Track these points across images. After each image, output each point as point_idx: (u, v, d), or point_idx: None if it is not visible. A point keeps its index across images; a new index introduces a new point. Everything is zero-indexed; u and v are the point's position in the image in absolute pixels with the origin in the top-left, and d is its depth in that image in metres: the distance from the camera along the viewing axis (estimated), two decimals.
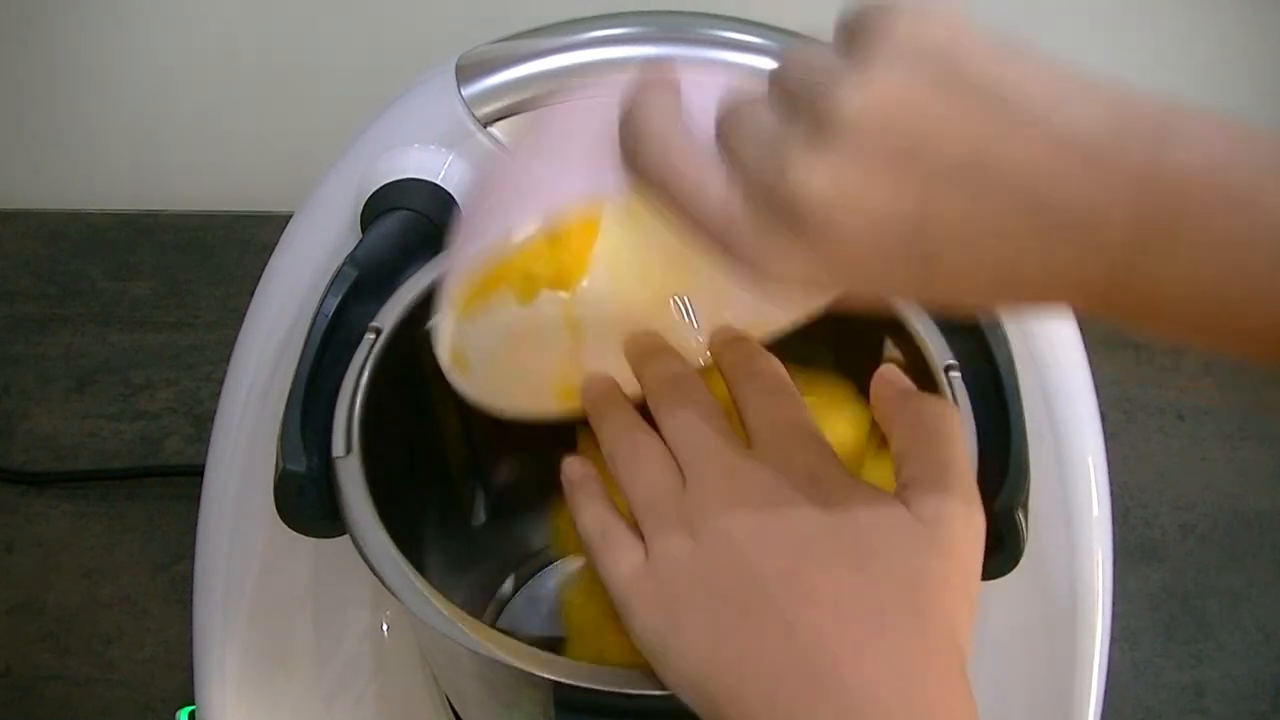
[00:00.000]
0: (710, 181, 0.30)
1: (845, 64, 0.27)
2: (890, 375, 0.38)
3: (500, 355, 0.40)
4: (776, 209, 0.28)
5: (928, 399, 0.37)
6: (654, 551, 0.34)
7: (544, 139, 0.37)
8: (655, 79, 0.33)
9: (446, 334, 0.38)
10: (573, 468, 0.39)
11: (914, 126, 0.26)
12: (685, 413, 0.37)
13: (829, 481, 0.34)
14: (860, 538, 0.33)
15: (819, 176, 0.27)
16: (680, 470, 0.35)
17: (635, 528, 0.35)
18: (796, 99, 0.28)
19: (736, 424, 0.38)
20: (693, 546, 0.33)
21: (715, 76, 0.35)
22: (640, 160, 0.31)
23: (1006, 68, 0.26)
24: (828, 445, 0.36)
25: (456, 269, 0.36)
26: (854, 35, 0.28)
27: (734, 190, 0.29)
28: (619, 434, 0.37)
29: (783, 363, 0.40)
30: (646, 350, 0.41)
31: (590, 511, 0.37)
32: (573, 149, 0.35)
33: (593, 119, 0.35)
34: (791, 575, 0.32)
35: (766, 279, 0.29)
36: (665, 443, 0.36)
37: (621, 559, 0.34)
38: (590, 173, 0.34)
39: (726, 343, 0.41)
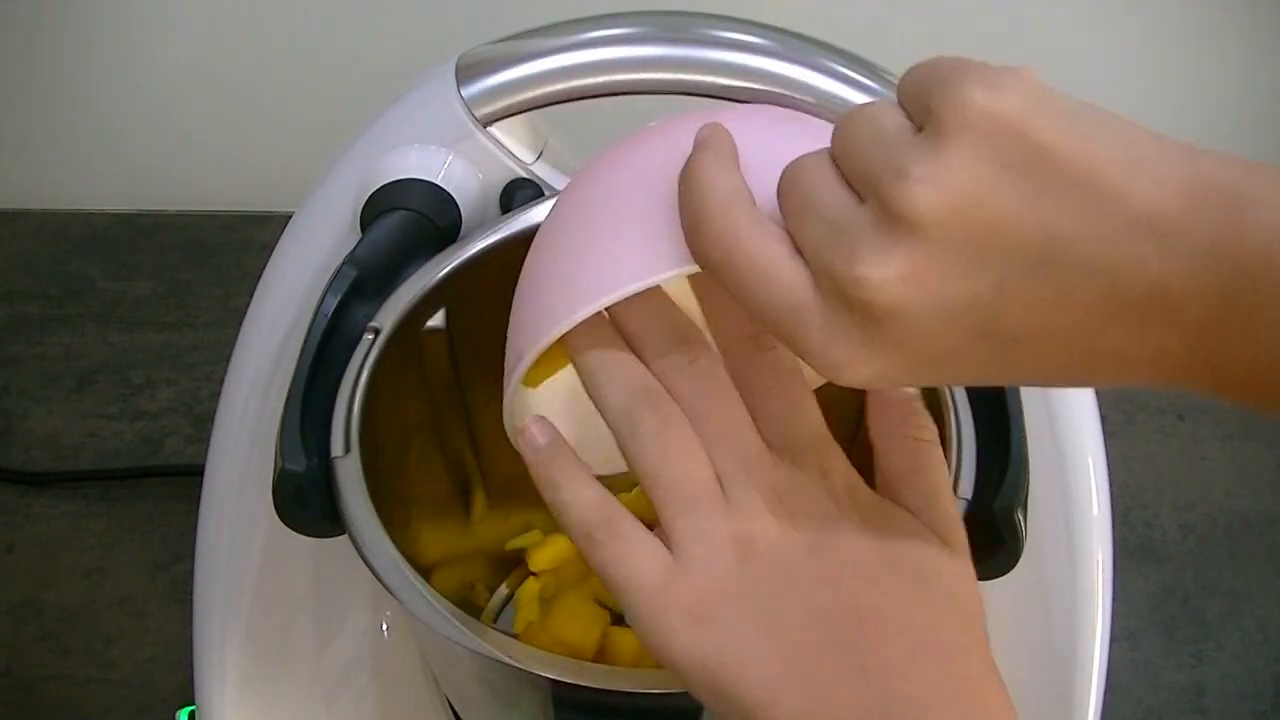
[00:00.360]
0: (780, 266, 0.28)
1: (915, 142, 0.26)
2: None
3: (565, 415, 0.38)
4: (846, 301, 0.27)
5: (925, 425, 0.35)
6: (691, 561, 0.31)
7: (594, 198, 0.34)
8: (712, 138, 0.31)
9: (515, 411, 0.36)
10: (536, 432, 0.34)
11: (988, 218, 0.25)
12: (719, 413, 0.33)
13: (863, 496, 0.33)
14: (909, 560, 0.32)
15: (890, 271, 0.26)
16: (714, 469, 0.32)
17: (641, 518, 0.32)
18: (864, 177, 0.27)
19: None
20: (740, 566, 0.31)
21: (770, 125, 0.34)
22: (703, 237, 0.29)
23: (1079, 142, 0.25)
24: (845, 457, 0.34)
25: (516, 353, 0.34)
26: (924, 103, 0.27)
27: (801, 272, 0.28)
28: (636, 398, 0.33)
29: None
30: (665, 338, 0.34)
31: (578, 491, 0.32)
32: (624, 215, 0.33)
33: (645, 175, 0.33)
34: (858, 608, 0.30)
35: (836, 378, 0.28)
36: (697, 432, 0.33)
37: (641, 562, 0.31)
38: (645, 246, 0.31)
39: (736, 339, 0.38)
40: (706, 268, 0.30)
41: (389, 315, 0.44)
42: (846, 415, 0.50)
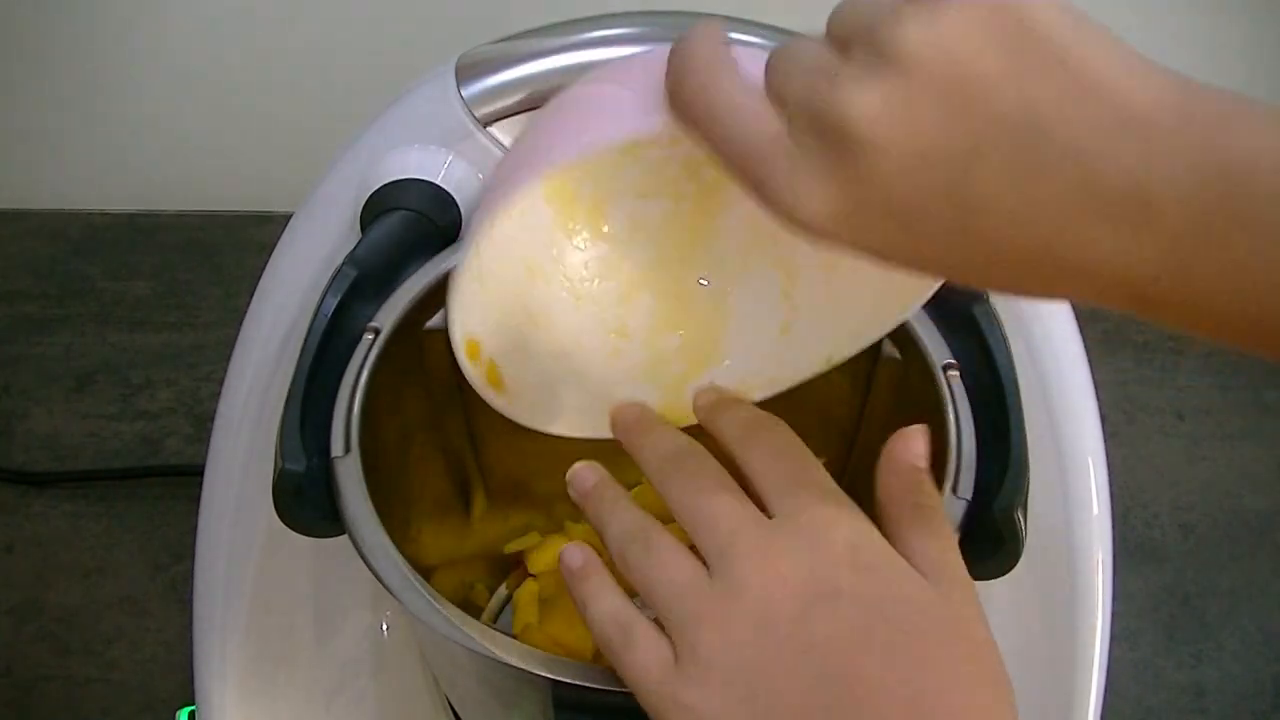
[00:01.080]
0: (750, 108, 0.29)
1: (911, 2, 0.26)
2: (904, 454, 0.36)
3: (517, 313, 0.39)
4: (819, 129, 0.27)
5: (929, 493, 0.35)
6: (687, 650, 0.31)
7: (591, 85, 0.35)
8: (706, 25, 0.31)
9: (467, 283, 0.36)
10: (572, 556, 0.35)
11: (975, 71, 0.25)
12: (698, 491, 0.34)
13: (871, 552, 0.33)
14: (912, 621, 0.31)
15: (869, 96, 0.26)
16: (702, 558, 0.33)
17: (654, 619, 0.33)
18: (854, 31, 0.27)
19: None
20: (732, 642, 0.31)
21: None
22: (682, 91, 0.30)
23: (1077, 35, 0.26)
24: (857, 508, 0.34)
25: (485, 212, 0.34)
26: None
27: (776, 120, 0.28)
28: (626, 534, 0.35)
29: None
30: (636, 424, 0.39)
31: (603, 605, 0.34)
32: (618, 93, 0.33)
33: (638, 71, 0.33)
34: (849, 676, 0.30)
35: (797, 214, 0.28)
36: (682, 527, 0.34)
37: (649, 658, 0.32)
38: (632, 113, 0.32)
39: (715, 406, 0.39)
40: (685, 119, 0.30)
41: (389, 315, 0.44)
42: (840, 432, 0.50)
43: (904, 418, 0.46)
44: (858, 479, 0.51)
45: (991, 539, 0.37)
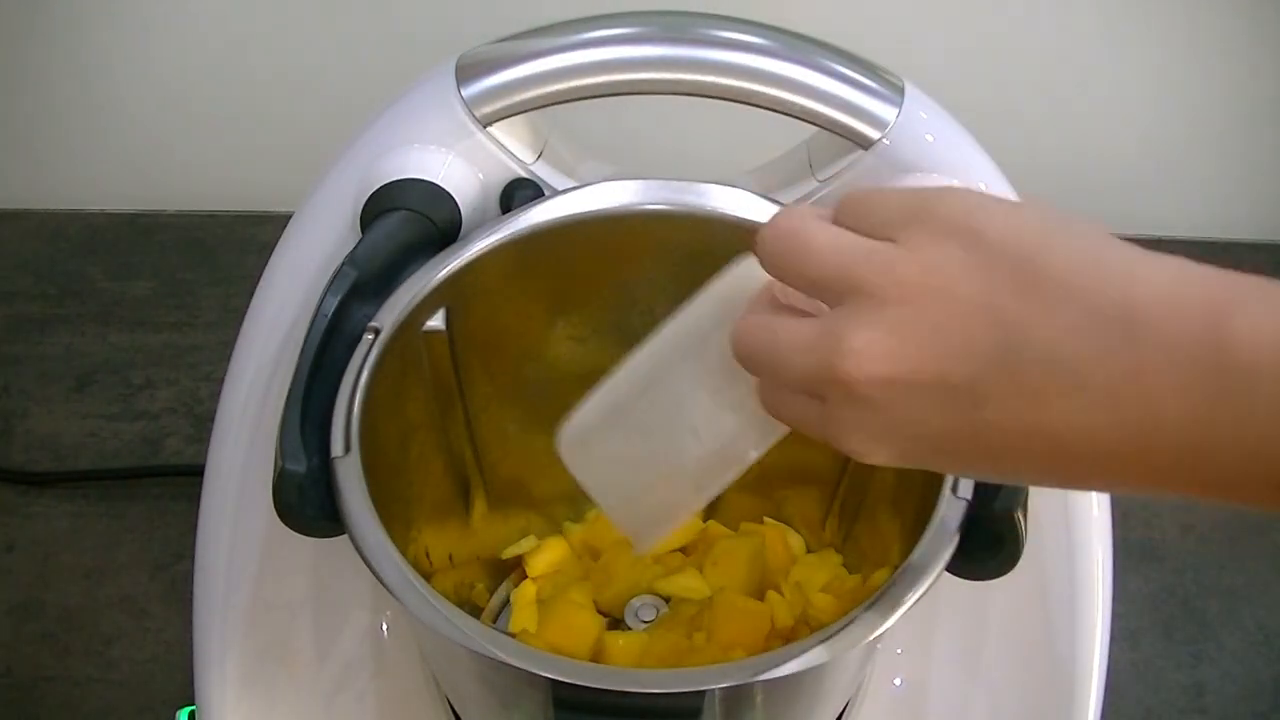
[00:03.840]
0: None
1: (893, 253, 0.28)
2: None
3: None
4: (846, 399, 0.28)
5: None
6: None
7: None
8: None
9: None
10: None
11: (953, 299, 0.27)
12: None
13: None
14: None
15: (871, 351, 0.27)
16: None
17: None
18: (826, 288, 0.29)
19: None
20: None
21: None
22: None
23: (1038, 241, 0.27)
24: None
25: None
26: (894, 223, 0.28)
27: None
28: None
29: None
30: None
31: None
32: None
33: None
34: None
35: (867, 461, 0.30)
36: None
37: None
38: None
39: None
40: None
41: (389, 315, 0.44)
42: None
43: None
44: (857, 479, 0.51)
45: (991, 539, 0.37)
